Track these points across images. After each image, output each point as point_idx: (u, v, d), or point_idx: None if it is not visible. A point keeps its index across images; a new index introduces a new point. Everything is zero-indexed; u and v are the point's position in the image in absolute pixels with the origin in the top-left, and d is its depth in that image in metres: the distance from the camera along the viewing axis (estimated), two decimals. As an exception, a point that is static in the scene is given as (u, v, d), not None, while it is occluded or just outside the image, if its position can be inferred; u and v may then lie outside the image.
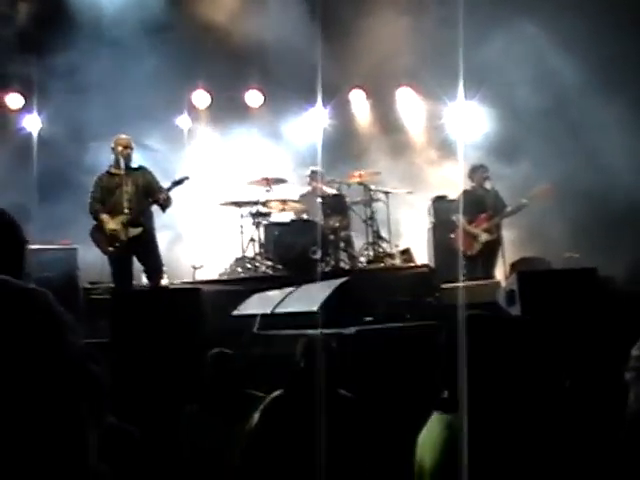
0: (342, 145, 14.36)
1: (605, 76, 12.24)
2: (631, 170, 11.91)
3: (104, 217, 9.96)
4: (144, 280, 10.44)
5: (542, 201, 11.79)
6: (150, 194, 10.12)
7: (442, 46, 12.11)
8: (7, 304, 2.32)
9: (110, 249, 9.95)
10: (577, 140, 12.40)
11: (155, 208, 10.29)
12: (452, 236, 11.94)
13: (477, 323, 3.14)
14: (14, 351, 2.26)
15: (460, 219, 11.64)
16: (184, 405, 5.84)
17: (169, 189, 10.20)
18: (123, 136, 10.35)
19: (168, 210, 10.36)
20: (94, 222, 10.09)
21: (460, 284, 10.09)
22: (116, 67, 12.82)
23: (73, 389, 2.38)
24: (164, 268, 11.88)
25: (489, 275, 11.49)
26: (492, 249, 11.79)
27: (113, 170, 10.16)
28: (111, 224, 9.91)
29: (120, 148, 10.12)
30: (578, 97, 12.35)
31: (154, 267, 10.26)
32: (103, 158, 10.67)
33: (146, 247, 10.13)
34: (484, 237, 11.66)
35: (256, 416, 5.07)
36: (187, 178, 10.36)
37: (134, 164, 10.30)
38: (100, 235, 10.01)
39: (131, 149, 10.21)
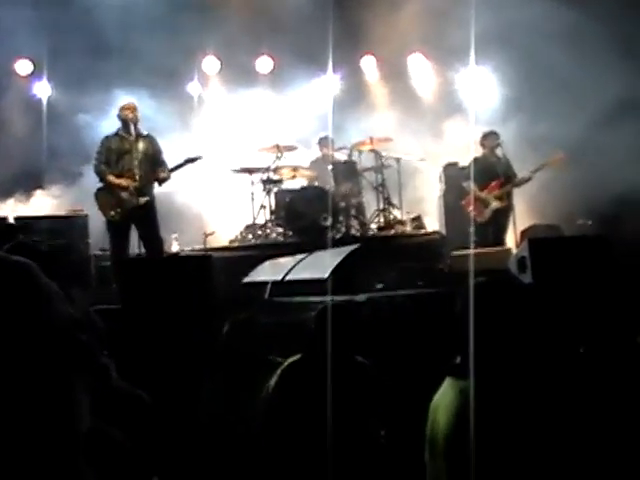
0: (353, 111, 14.29)
1: (625, 36, 12.17)
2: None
3: (113, 179, 9.88)
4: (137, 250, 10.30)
5: (554, 168, 11.74)
6: (155, 166, 10.08)
7: (453, 12, 12.08)
8: None
9: (112, 213, 9.86)
10: (593, 104, 12.29)
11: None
12: (463, 203, 11.91)
13: (490, 290, 3.13)
14: None
15: (471, 186, 11.60)
16: (199, 372, 5.85)
17: (180, 166, 10.16)
18: (129, 102, 10.35)
19: (179, 176, 10.34)
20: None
21: (471, 251, 10.06)
22: (126, 34, 12.75)
23: (59, 356, 2.39)
24: (174, 235, 11.91)
25: (500, 242, 11.46)
26: (503, 216, 11.76)
27: (122, 133, 10.11)
28: (121, 189, 9.84)
29: (128, 112, 10.07)
30: (595, 58, 12.22)
31: (155, 238, 10.14)
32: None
33: (148, 217, 10.05)
34: (495, 204, 11.62)
35: (273, 381, 5.10)
36: (200, 157, 10.33)
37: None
38: (106, 198, 9.92)
39: (137, 113, 10.16)
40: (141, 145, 10.04)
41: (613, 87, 12.07)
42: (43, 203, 13.04)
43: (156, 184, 10.17)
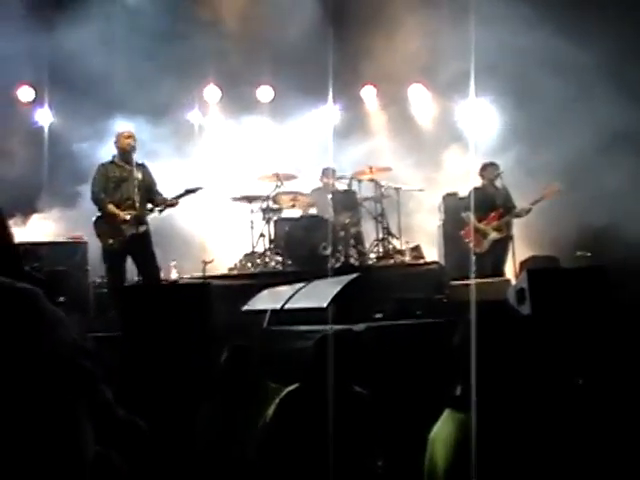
0: (353, 141, 14.35)
1: (619, 64, 12.25)
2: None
3: (113, 209, 9.87)
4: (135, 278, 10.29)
5: (552, 200, 11.77)
6: (150, 195, 10.10)
7: (454, 44, 12.14)
8: None
9: (111, 242, 9.84)
10: (589, 134, 12.35)
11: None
12: (462, 233, 11.93)
13: (491, 321, 3.14)
14: (2, 349, 2.28)
15: (471, 217, 11.63)
16: (197, 398, 5.84)
17: (181, 196, 10.18)
18: (127, 130, 10.39)
19: (180, 204, 10.35)
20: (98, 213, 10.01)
21: (470, 281, 10.07)
22: (128, 61, 12.83)
23: (63, 383, 2.40)
24: (173, 262, 11.91)
25: (499, 273, 11.47)
26: (502, 247, 11.78)
27: (119, 161, 10.12)
28: (121, 217, 9.84)
29: (126, 141, 10.10)
30: (591, 89, 12.30)
31: (153, 266, 10.11)
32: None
33: (145, 245, 10.05)
34: (493, 235, 11.65)
35: (271, 409, 5.10)
36: (200, 188, 10.35)
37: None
38: (105, 226, 9.91)
39: (135, 141, 10.18)
40: (138, 174, 10.05)
41: (609, 118, 12.13)
42: (41, 226, 13.06)
43: (156, 212, 10.19)
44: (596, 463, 3.20)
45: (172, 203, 10.13)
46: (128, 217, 9.80)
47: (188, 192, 10.22)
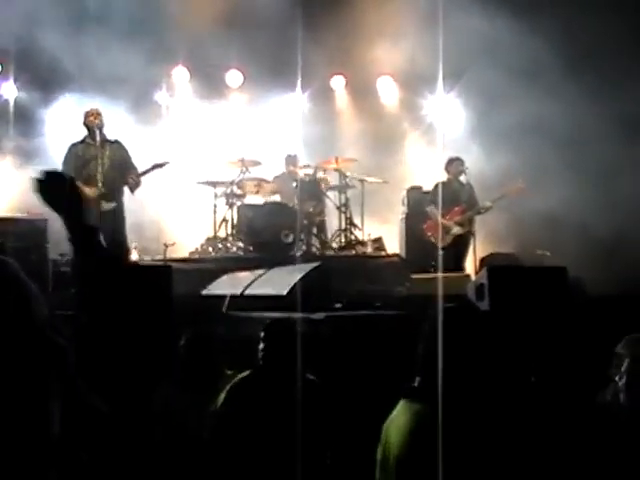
0: (320, 130, 14.34)
1: (585, 62, 12.36)
2: (611, 169, 12.02)
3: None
4: None
5: (514, 198, 11.86)
6: (123, 171, 10.06)
7: (424, 39, 12.17)
8: None
9: None
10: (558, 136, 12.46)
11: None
12: (424, 227, 11.98)
13: (455, 316, 3.16)
14: None
15: (434, 211, 11.68)
16: (155, 382, 5.82)
17: (148, 171, 10.15)
18: (93, 107, 10.32)
19: (142, 185, 10.30)
20: None
21: (431, 275, 10.12)
22: (97, 40, 12.70)
23: (39, 358, 2.37)
24: (134, 244, 11.85)
25: (459, 268, 11.54)
26: (463, 242, 11.85)
27: (88, 140, 10.06)
28: (87, 193, 9.77)
29: (91, 118, 10.04)
30: (557, 88, 12.39)
31: (119, 245, 10.12)
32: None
33: (115, 224, 10.02)
34: (456, 230, 11.72)
35: (222, 396, 5.09)
36: (168, 162, 10.33)
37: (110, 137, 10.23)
38: None
39: (102, 118, 10.12)
40: (107, 151, 10.01)
41: (573, 120, 12.22)
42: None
43: (127, 191, 10.15)
44: (549, 455, 3.24)
45: (135, 183, 10.09)
46: (89, 194, 9.74)
47: (156, 166, 10.21)
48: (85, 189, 9.77)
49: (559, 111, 12.27)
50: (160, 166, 10.23)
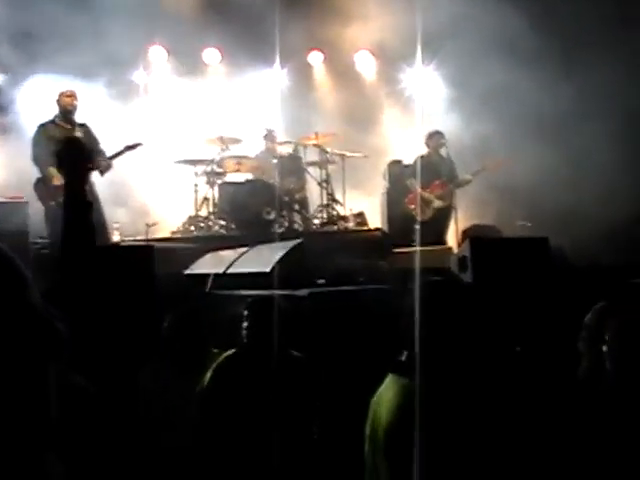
0: (299, 106, 14.30)
1: (565, 41, 12.36)
2: (586, 141, 12.05)
3: (52, 170, 9.76)
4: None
5: (495, 171, 11.90)
6: (92, 154, 10.01)
7: (401, 12, 12.14)
8: None
9: (52, 203, 9.75)
10: (535, 110, 12.47)
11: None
12: (405, 201, 12.00)
13: (438, 288, 3.17)
14: None
15: (415, 184, 11.71)
16: (141, 362, 5.82)
17: (120, 153, 10.10)
18: (68, 89, 10.25)
19: (123, 166, 10.27)
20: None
21: (413, 249, 10.14)
22: (72, 18, 12.58)
23: (39, 342, 2.36)
24: (116, 225, 11.81)
25: (441, 241, 11.58)
26: (445, 215, 11.89)
27: (59, 121, 9.99)
28: (58, 178, 9.72)
29: (67, 99, 9.98)
30: (535, 64, 12.41)
31: (101, 225, 10.09)
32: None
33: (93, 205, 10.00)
34: (437, 203, 11.77)
35: (208, 375, 5.11)
36: (140, 144, 10.27)
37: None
38: (45, 188, 9.81)
39: (77, 101, 10.05)
40: (79, 134, 9.95)
41: (551, 94, 12.24)
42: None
43: (97, 174, 10.11)
44: (535, 426, 3.27)
45: (106, 166, 10.05)
46: (61, 181, 9.71)
47: (128, 148, 10.16)
48: (56, 175, 9.74)
49: (537, 82, 12.29)
50: (132, 148, 10.19)
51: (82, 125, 10.11)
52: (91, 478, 3.51)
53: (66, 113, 9.96)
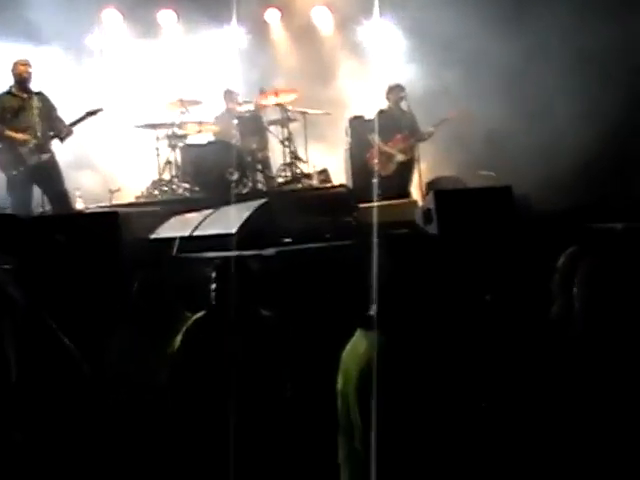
0: (258, 65, 14.19)
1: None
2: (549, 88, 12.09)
3: (12, 134, 9.68)
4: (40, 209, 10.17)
5: (456, 122, 11.91)
6: (51, 122, 9.93)
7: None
8: None
9: (14, 173, 9.69)
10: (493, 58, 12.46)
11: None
12: (367, 156, 12.00)
13: (403, 242, 3.18)
14: None
15: (375, 139, 11.70)
16: (109, 329, 5.81)
17: (81, 119, 10.02)
18: (22, 57, 10.12)
19: (83, 133, 10.18)
20: None
21: (377, 203, 10.15)
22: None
23: None
24: (78, 192, 11.72)
25: (405, 194, 11.61)
26: (407, 169, 11.91)
27: (15, 91, 9.89)
28: (21, 144, 9.66)
29: (22, 67, 9.86)
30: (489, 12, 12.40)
31: (61, 193, 10.07)
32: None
33: (52, 174, 9.95)
34: (399, 157, 11.78)
35: (178, 338, 5.12)
36: (101, 109, 10.19)
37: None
38: (6, 156, 9.73)
39: (31, 69, 9.94)
40: (36, 102, 9.85)
41: (513, 43, 12.22)
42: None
43: (57, 141, 10.02)
44: (500, 379, 3.30)
45: (67, 133, 9.98)
46: (26, 138, 9.62)
47: (89, 114, 10.08)
48: (21, 135, 9.66)
49: (492, 30, 12.26)
50: (93, 113, 10.10)
51: (38, 93, 9.99)
52: (60, 449, 3.51)
53: (22, 82, 9.83)
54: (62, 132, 9.94)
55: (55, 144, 10.11)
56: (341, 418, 3.21)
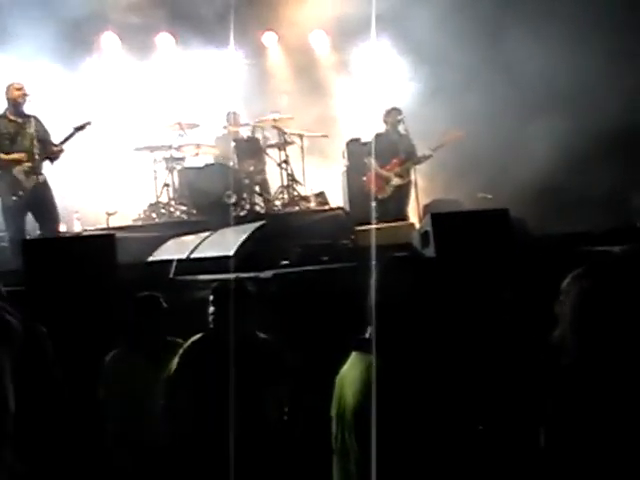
0: (255, 88, 14.25)
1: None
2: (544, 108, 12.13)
3: (5, 157, 9.70)
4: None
5: (455, 145, 11.93)
6: (45, 145, 9.95)
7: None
8: None
9: (14, 199, 9.70)
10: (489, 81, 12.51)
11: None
12: (364, 179, 12.02)
13: (400, 265, 3.18)
14: None
15: (372, 162, 11.72)
16: (103, 351, 5.80)
17: (70, 136, 10.03)
18: (17, 82, 10.13)
19: (81, 155, 10.19)
20: None
21: (375, 226, 10.17)
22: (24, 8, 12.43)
23: None
24: (76, 214, 11.74)
25: (402, 217, 11.61)
26: (404, 192, 11.92)
27: (10, 115, 9.90)
28: (17, 172, 9.68)
29: (17, 92, 9.87)
30: (493, 33, 12.45)
31: (53, 217, 10.08)
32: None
33: (47, 198, 9.96)
34: (395, 181, 11.78)
35: (175, 361, 5.11)
36: (89, 123, 10.19)
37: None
38: (4, 183, 9.74)
39: (26, 93, 9.95)
40: (31, 126, 9.87)
41: (508, 67, 12.28)
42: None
43: (48, 163, 10.05)
44: (503, 399, 3.30)
45: (58, 151, 10.00)
46: (20, 158, 9.63)
47: (77, 130, 10.06)
48: (17, 165, 9.67)
49: (490, 54, 12.33)
50: (81, 128, 10.08)
51: (32, 116, 10.02)
52: (55, 468, 3.51)
53: (16, 106, 9.85)
54: (53, 152, 9.95)
55: (46, 166, 10.12)
56: (336, 441, 3.19)
